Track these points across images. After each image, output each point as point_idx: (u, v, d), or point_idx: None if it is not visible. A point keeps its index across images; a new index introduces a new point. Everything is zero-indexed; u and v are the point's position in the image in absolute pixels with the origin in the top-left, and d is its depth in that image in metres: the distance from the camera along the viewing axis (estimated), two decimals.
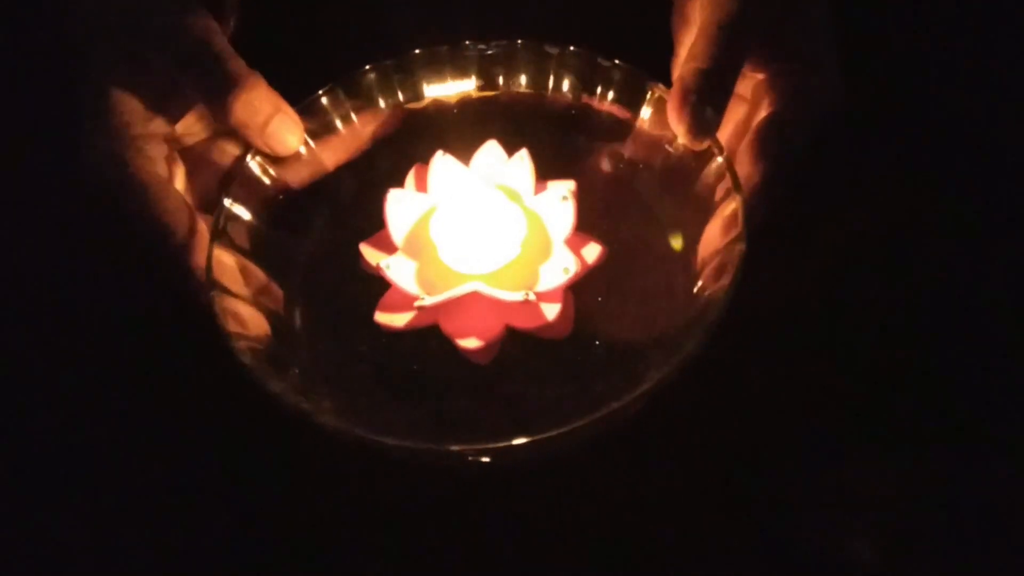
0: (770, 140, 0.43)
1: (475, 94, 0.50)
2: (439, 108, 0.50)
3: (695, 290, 0.43)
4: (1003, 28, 0.58)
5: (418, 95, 0.50)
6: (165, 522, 0.47)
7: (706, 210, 0.44)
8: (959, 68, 0.56)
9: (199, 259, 0.44)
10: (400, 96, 0.50)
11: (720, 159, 0.44)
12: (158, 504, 0.47)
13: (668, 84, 0.47)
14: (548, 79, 0.49)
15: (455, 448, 0.38)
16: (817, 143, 0.45)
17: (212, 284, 0.43)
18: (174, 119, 0.47)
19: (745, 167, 0.43)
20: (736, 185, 0.42)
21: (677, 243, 0.47)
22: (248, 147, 0.47)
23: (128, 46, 0.46)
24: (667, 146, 0.46)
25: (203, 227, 0.46)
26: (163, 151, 0.46)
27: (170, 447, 0.49)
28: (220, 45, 0.45)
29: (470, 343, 0.43)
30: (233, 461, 0.48)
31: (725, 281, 0.40)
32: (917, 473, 0.45)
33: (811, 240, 0.50)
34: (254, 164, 0.47)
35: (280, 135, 0.46)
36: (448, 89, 0.50)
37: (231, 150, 0.49)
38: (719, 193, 0.43)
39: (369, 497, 0.47)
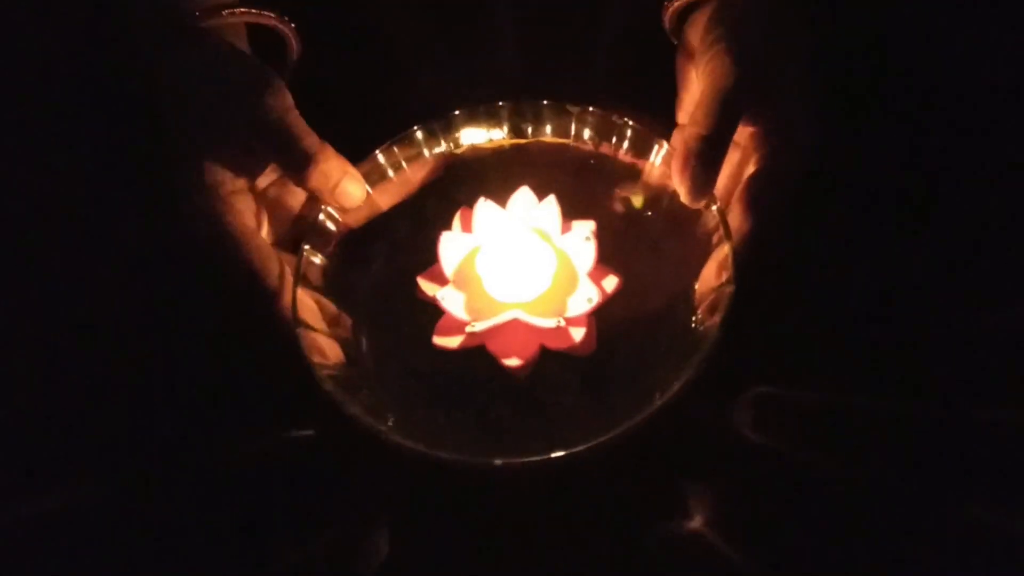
0: (758, 195, 0.51)
1: (507, 144, 0.59)
2: (477, 158, 0.59)
3: (693, 323, 0.51)
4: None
5: (459, 147, 0.58)
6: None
7: (705, 249, 0.52)
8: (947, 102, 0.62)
9: (287, 300, 0.52)
10: (444, 148, 0.58)
11: (715, 209, 0.52)
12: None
13: (672, 125, 0.56)
14: (570, 133, 0.58)
15: (500, 461, 0.46)
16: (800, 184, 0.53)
17: (298, 322, 0.51)
18: (255, 175, 0.55)
19: (736, 218, 0.51)
20: (727, 234, 0.50)
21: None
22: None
23: (215, 121, 0.53)
24: (671, 194, 0.54)
25: (285, 268, 0.54)
26: (251, 204, 0.54)
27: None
28: (295, 123, 0.53)
29: (512, 361, 0.52)
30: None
31: (717, 317, 0.49)
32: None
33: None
34: (323, 216, 0.55)
35: (347, 193, 0.54)
36: (485, 142, 0.59)
37: (300, 193, 0.57)
38: (715, 237, 0.52)
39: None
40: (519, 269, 0.54)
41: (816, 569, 0.48)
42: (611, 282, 0.54)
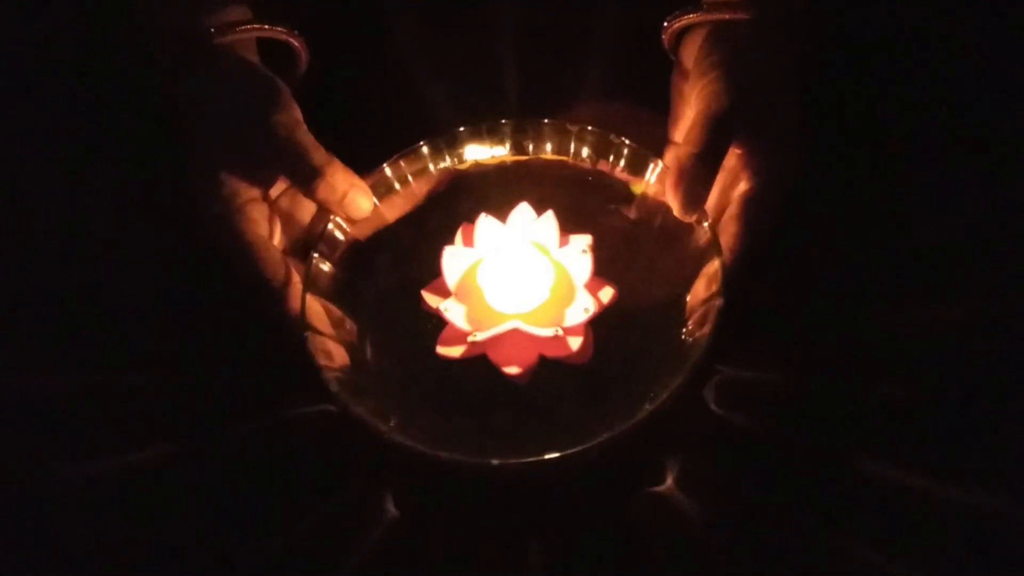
0: (746, 213, 0.54)
1: (509, 160, 0.61)
2: (480, 173, 0.61)
3: (683, 334, 0.54)
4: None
5: (463, 163, 0.61)
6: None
7: (696, 264, 0.55)
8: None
9: (295, 305, 0.55)
10: (448, 163, 0.61)
11: (706, 225, 0.54)
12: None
13: (664, 141, 0.58)
14: (569, 151, 0.60)
15: (497, 462, 0.49)
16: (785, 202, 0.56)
17: (306, 326, 0.54)
18: (268, 186, 0.57)
19: (727, 237, 0.54)
20: (717, 250, 0.53)
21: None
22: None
23: (230, 135, 0.56)
24: (665, 210, 0.56)
25: (295, 275, 0.56)
26: (264, 213, 0.57)
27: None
28: (303, 138, 0.55)
29: (512, 369, 0.54)
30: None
31: (706, 329, 0.51)
32: None
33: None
34: (332, 226, 0.58)
35: (355, 205, 0.57)
36: (487, 158, 0.61)
37: (311, 205, 0.59)
38: (706, 253, 0.54)
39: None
40: (519, 281, 0.56)
41: (767, 519, 0.53)
42: (607, 294, 0.56)
